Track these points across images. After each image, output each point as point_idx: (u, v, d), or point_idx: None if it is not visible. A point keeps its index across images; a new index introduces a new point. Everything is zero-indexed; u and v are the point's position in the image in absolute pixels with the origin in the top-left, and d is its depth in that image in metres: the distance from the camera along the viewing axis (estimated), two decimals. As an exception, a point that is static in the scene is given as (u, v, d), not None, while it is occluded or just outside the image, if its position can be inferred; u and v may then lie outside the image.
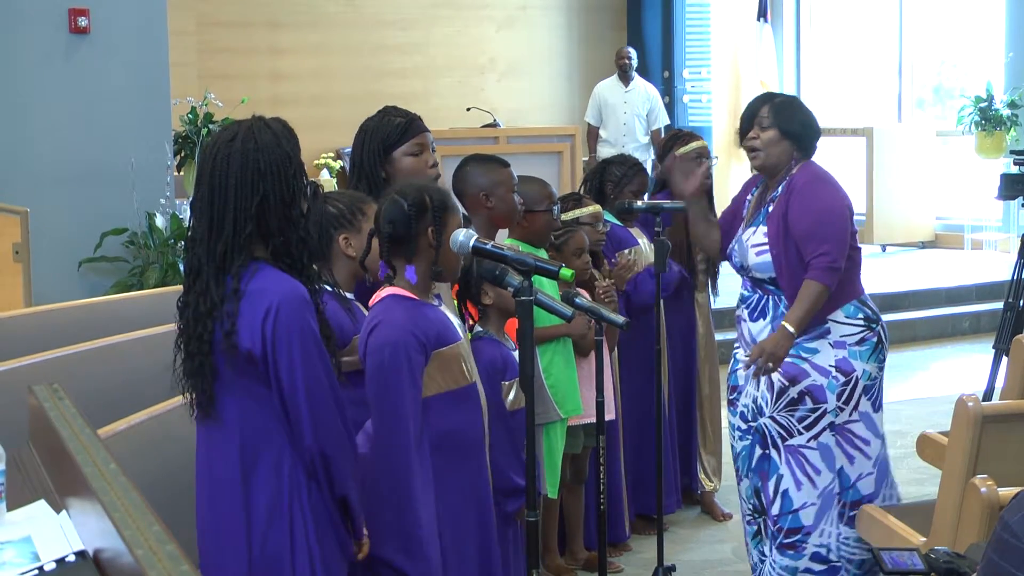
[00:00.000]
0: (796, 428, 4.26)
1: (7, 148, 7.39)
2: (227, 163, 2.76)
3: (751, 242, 4.35)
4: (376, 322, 3.16)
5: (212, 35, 11.73)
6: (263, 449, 2.79)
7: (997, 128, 11.63)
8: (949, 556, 2.44)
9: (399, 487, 3.12)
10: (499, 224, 4.32)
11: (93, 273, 7.53)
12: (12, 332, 4.73)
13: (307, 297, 2.78)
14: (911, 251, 12.18)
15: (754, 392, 4.34)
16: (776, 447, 4.29)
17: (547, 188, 4.64)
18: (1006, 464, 3.66)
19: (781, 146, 4.30)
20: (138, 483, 2.34)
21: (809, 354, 4.25)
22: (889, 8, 13.43)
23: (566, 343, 4.67)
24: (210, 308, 2.75)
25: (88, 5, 7.57)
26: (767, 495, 4.32)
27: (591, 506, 5.01)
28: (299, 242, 2.79)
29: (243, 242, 2.75)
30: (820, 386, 4.23)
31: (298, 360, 2.73)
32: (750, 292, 4.40)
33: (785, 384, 4.25)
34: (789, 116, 4.33)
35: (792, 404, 4.25)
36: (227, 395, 2.80)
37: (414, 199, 3.19)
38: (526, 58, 13.39)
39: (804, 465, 4.25)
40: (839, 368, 4.23)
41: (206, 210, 2.78)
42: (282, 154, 2.77)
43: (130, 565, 1.95)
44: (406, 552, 3.11)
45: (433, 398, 3.19)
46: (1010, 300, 6.73)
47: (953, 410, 3.77)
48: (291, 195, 2.77)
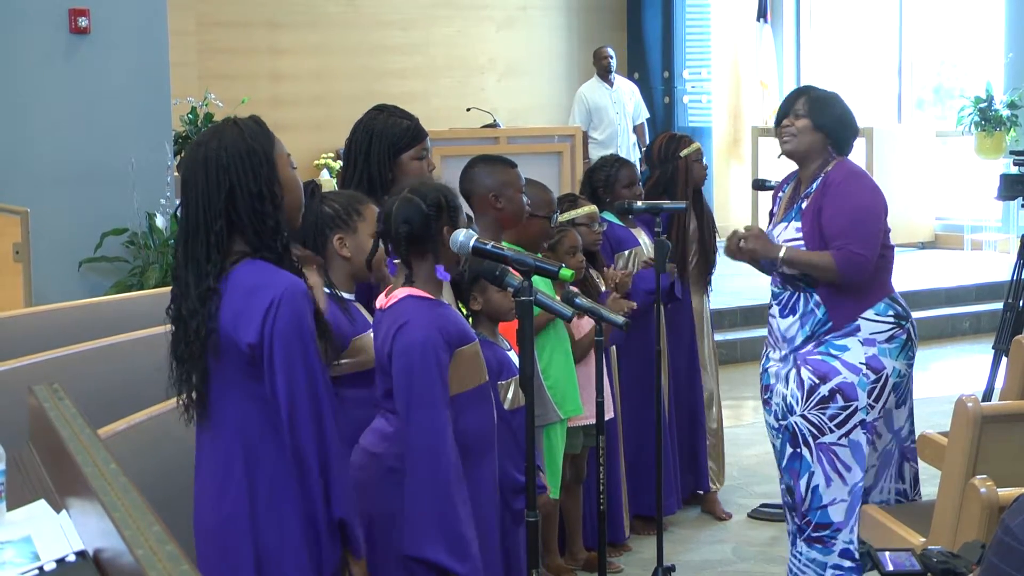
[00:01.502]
0: (828, 426, 4.22)
1: (7, 148, 7.40)
2: (194, 165, 2.78)
3: (783, 237, 4.34)
4: (402, 323, 3.16)
5: (212, 35, 11.73)
6: (260, 452, 2.77)
7: (997, 128, 11.64)
8: (944, 556, 2.44)
9: (440, 487, 3.11)
10: (506, 225, 4.32)
11: (93, 273, 7.54)
12: (12, 332, 4.73)
13: (306, 291, 2.77)
14: (911, 251, 12.18)
15: (783, 390, 4.31)
16: (808, 445, 4.25)
17: (548, 194, 4.64)
18: (1006, 464, 3.67)
19: (813, 137, 4.32)
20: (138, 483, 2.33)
21: (839, 351, 4.22)
22: (889, 8, 13.43)
23: (565, 343, 4.67)
24: (191, 312, 2.75)
25: (88, 5, 7.57)
26: (799, 492, 4.28)
27: (591, 506, 5.01)
28: (273, 232, 2.77)
29: (215, 240, 2.75)
30: (851, 384, 4.20)
31: (295, 356, 2.72)
32: (780, 288, 4.38)
33: (816, 382, 4.22)
34: (823, 110, 4.34)
35: (823, 402, 4.21)
36: (222, 397, 2.79)
37: (433, 199, 3.22)
38: (526, 58, 13.38)
39: (835, 462, 4.22)
40: (869, 366, 4.20)
41: (183, 215, 2.81)
42: (246, 147, 2.76)
43: (130, 565, 1.95)
44: (452, 552, 3.10)
45: (455, 397, 3.21)
46: (1010, 300, 6.73)
47: (953, 410, 3.77)
48: (258, 187, 2.75)
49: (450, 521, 3.10)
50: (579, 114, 11.44)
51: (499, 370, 3.66)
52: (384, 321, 3.23)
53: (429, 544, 3.09)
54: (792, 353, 4.30)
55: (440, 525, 3.10)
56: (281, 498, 2.77)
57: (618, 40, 13.36)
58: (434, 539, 3.09)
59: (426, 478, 3.11)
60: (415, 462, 3.12)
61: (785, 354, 4.33)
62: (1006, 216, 11.58)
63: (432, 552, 3.09)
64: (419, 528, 3.07)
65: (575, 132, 8.26)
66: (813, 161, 4.36)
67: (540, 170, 5.40)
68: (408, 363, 3.13)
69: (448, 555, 3.10)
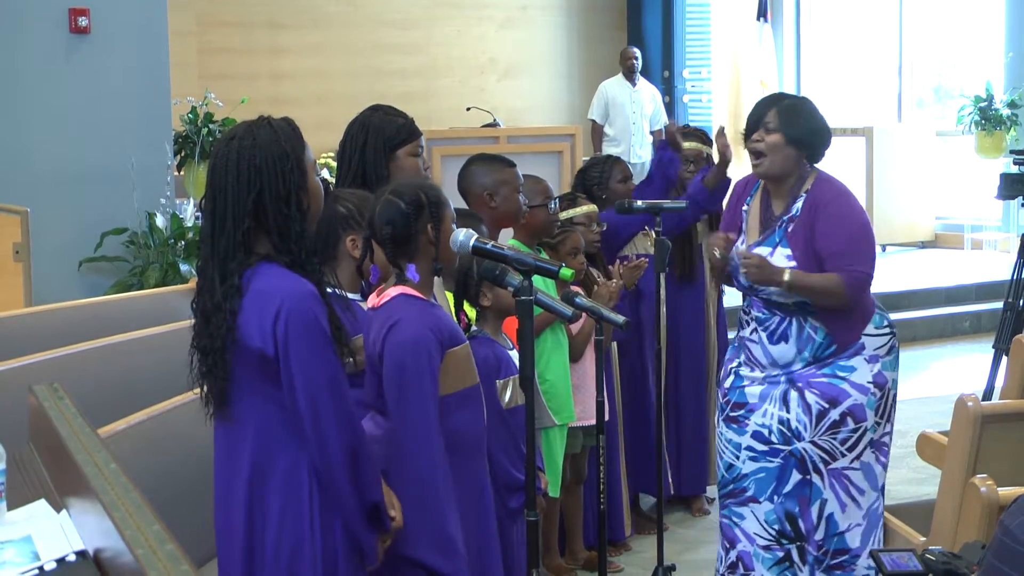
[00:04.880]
0: (839, 451, 4.06)
1: (7, 148, 7.39)
2: (226, 161, 2.78)
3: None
4: (394, 320, 3.15)
5: (212, 35, 11.73)
6: (277, 453, 2.78)
7: (997, 128, 11.64)
8: (946, 556, 2.44)
9: (427, 486, 3.11)
10: (503, 224, 4.32)
11: (93, 273, 7.54)
12: (12, 332, 4.72)
13: (314, 292, 2.77)
14: (911, 251, 12.18)
15: (780, 413, 4.10)
16: (819, 471, 4.07)
17: (541, 183, 4.65)
18: (1006, 464, 3.67)
19: (785, 152, 4.07)
20: (138, 483, 2.33)
21: (847, 372, 4.06)
22: (889, 8, 13.43)
23: (562, 348, 4.66)
24: (215, 306, 2.76)
25: (88, 5, 7.57)
26: (809, 521, 4.11)
27: (591, 506, 5.01)
28: (298, 238, 2.78)
29: (242, 238, 2.76)
30: (860, 404, 4.05)
31: (312, 359, 2.72)
32: (767, 314, 4.13)
33: (825, 406, 4.04)
34: (796, 121, 4.08)
35: (834, 427, 4.05)
36: (241, 396, 2.80)
37: (411, 198, 3.19)
38: (526, 58, 13.39)
39: (849, 488, 4.08)
40: (875, 383, 4.06)
41: (209, 208, 2.81)
42: (279, 151, 2.77)
43: (130, 564, 1.95)
44: (439, 550, 3.10)
45: (444, 398, 3.20)
46: (1010, 300, 6.74)
47: (953, 410, 3.77)
48: (287, 191, 2.77)
49: (435, 520, 3.10)
50: (597, 107, 11.55)
51: (498, 368, 3.66)
52: (375, 320, 3.21)
53: (413, 542, 3.09)
54: (785, 374, 4.12)
55: (425, 524, 3.09)
56: (297, 504, 2.78)
57: (618, 40, 13.36)
58: (419, 537, 3.09)
59: (412, 476, 3.11)
60: (402, 460, 3.12)
61: (775, 375, 4.13)
62: (1006, 215, 11.59)
63: (416, 550, 3.09)
64: (404, 526, 3.07)
65: (575, 131, 8.25)
66: (788, 177, 4.12)
67: (540, 170, 5.38)
68: (399, 361, 3.12)
69: (433, 553, 3.10)
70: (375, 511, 2.83)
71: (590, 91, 12.18)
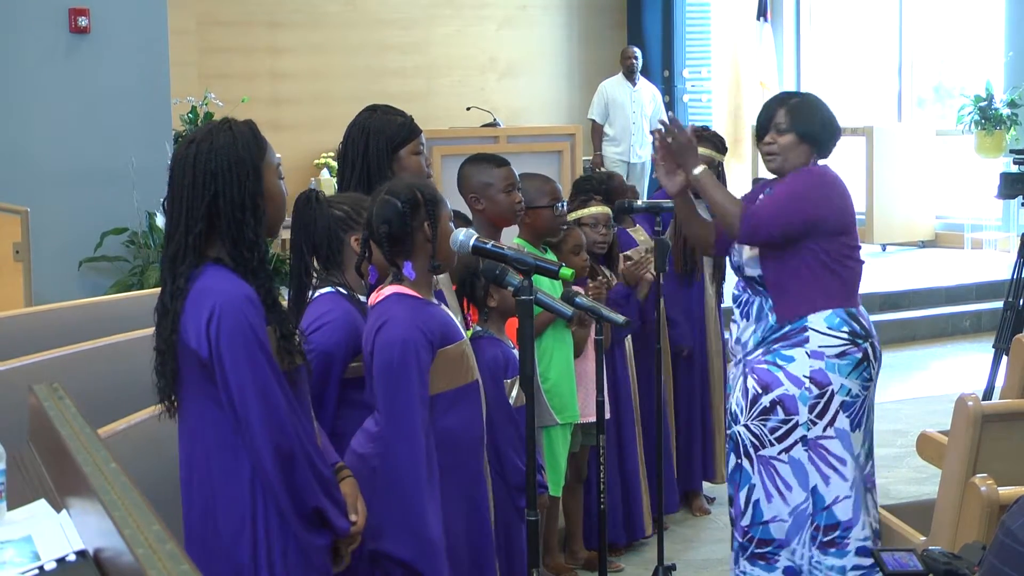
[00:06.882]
0: (768, 439, 4.07)
1: (7, 148, 7.40)
2: (183, 164, 2.77)
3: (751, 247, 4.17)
4: (384, 319, 3.15)
5: (212, 35, 11.73)
6: (222, 450, 2.78)
7: (997, 127, 11.63)
8: (947, 556, 2.44)
9: (408, 484, 3.11)
10: (499, 224, 4.31)
11: (93, 273, 7.54)
12: (12, 332, 4.72)
13: (251, 296, 2.74)
14: (911, 250, 12.18)
15: (736, 396, 4.17)
16: (749, 457, 4.11)
17: (549, 183, 4.63)
18: (1006, 463, 3.67)
19: (799, 150, 4.10)
20: (138, 483, 2.33)
21: (785, 362, 4.05)
22: (889, 8, 13.43)
23: (565, 346, 4.66)
24: (163, 307, 2.77)
25: (88, 5, 7.58)
26: (738, 506, 4.15)
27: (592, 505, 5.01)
28: (251, 244, 2.76)
29: (193, 241, 2.75)
30: (792, 396, 4.03)
31: (244, 362, 2.71)
32: (740, 292, 4.21)
33: (759, 391, 4.06)
34: (807, 117, 4.12)
35: (764, 413, 4.07)
36: (188, 396, 2.81)
37: (407, 196, 3.18)
38: (526, 58, 13.39)
39: (775, 478, 4.08)
40: (813, 379, 4.02)
41: (168, 210, 2.81)
42: (236, 156, 2.75)
43: (130, 564, 1.95)
44: (415, 549, 3.10)
45: (436, 396, 3.19)
46: (1010, 299, 6.74)
47: (953, 409, 3.77)
48: (242, 197, 2.74)
49: (415, 519, 3.10)
50: (597, 106, 11.58)
51: (506, 367, 3.66)
52: (368, 319, 3.22)
53: (389, 539, 3.09)
54: (743, 359, 4.15)
55: (405, 522, 3.10)
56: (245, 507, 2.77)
57: (618, 40, 13.37)
58: (398, 535, 3.10)
59: (395, 475, 3.11)
60: (386, 458, 3.12)
61: (738, 359, 4.18)
62: (1006, 215, 11.58)
63: (393, 547, 3.10)
64: (383, 522, 3.07)
65: (575, 131, 8.26)
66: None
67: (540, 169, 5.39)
68: (387, 360, 3.12)
69: (410, 552, 3.10)
70: (317, 515, 2.80)
71: (590, 91, 12.18)
